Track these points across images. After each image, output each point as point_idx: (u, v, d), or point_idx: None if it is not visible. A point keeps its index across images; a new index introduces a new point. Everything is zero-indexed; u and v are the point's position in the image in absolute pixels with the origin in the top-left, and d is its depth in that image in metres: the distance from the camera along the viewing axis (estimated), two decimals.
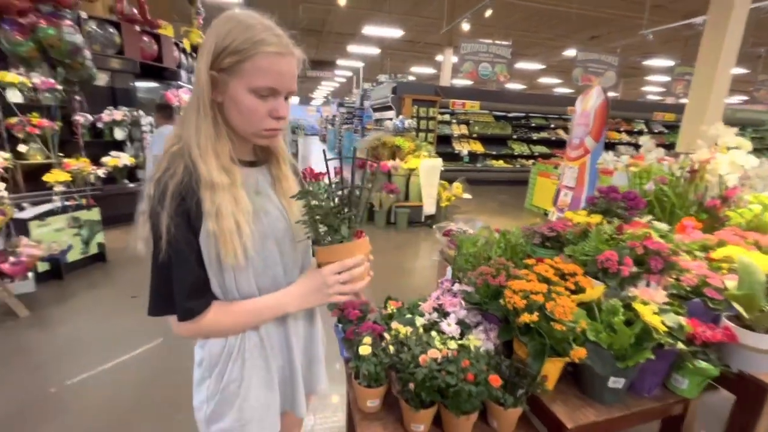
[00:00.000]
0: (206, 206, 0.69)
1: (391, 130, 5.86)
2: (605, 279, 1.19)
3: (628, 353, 1.01)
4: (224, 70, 0.69)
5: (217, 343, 0.80)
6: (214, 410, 0.81)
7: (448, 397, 1.02)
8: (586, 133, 2.53)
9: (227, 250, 0.70)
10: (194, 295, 0.72)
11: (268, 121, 0.73)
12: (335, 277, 0.77)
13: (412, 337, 1.18)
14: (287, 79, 0.73)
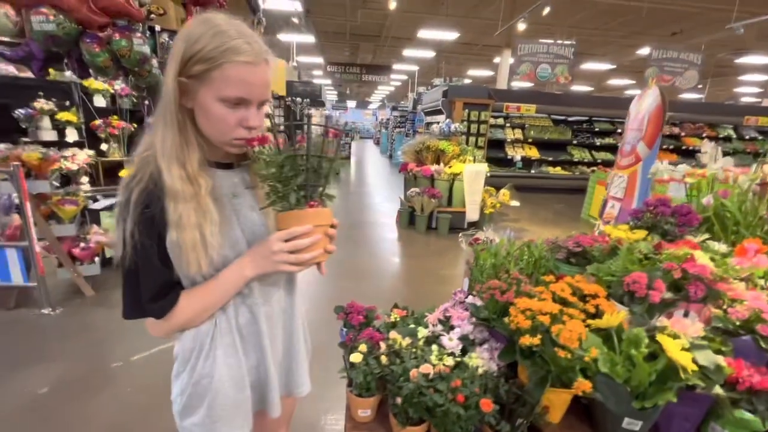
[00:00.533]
0: (169, 215, 0.70)
1: (436, 133, 5.77)
2: (631, 304, 1.05)
3: (648, 392, 0.88)
4: (193, 77, 0.69)
5: (188, 337, 0.81)
6: (186, 404, 0.83)
7: (436, 417, 0.96)
8: (638, 139, 2.26)
9: (189, 261, 0.71)
10: (160, 296, 0.74)
11: (239, 131, 0.73)
12: (280, 245, 0.74)
13: (408, 348, 1.13)
14: (258, 89, 0.72)
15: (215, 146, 0.77)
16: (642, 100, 2.32)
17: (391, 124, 17.16)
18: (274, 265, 0.77)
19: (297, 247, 0.75)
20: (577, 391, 0.89)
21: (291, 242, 0.75)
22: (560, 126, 9.31)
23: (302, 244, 0.76)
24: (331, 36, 15.06)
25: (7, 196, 2.80)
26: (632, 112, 2.42)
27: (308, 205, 0.77)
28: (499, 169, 8.71)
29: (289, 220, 0.76)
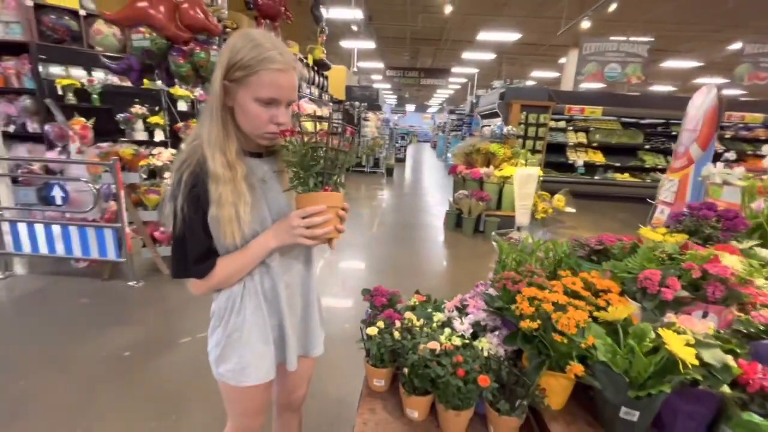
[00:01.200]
0: (211, 194, 0.85)
1: (488, 136, 5.70)
2: (643, 300, 1.05)
3: (647, 384, 0.89)
4: (235, 81, 0.84)
5: (223, 296, 0.99)
6: (221, 354, 1.01)
7: (439, 388, 1.04)
8: (692, 140, 2.09)
9: (226, 233, 0.87)
10: (202, 260, 0.90)
11: (270, 126, 0.87)
12: (299, 221, 0.88)
13: (421, 328, 1.22)
14: (287, 91, 0.86)
15: (250, 138, 0.92)
16: (698, 100, 2.15)
17: (448, 128, 17.05)
18: (293, 238, 0.90)
19: (312, 223, 0.89)
20: (570, 375, 0.93)
21: (307, 219, 0.89)
22: (630, 129, 8.63)
23: (316, 221, 0.89)
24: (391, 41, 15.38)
25: (107, 186, 3.34)
26: (689, 112, 2.24)
27: (323, 189, 0.90)
28: (559, 174, 8.31)
29: (307, 201, 0.90)
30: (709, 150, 2.10)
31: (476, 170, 4.96)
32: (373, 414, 1.15)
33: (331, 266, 3.94)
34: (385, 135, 13.03)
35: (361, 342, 1.23)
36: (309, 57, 6.78)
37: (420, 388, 1.08)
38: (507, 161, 5.05)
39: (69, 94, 3.84)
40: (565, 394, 1.02)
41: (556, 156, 8.41)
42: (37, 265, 3.60)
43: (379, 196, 7.89)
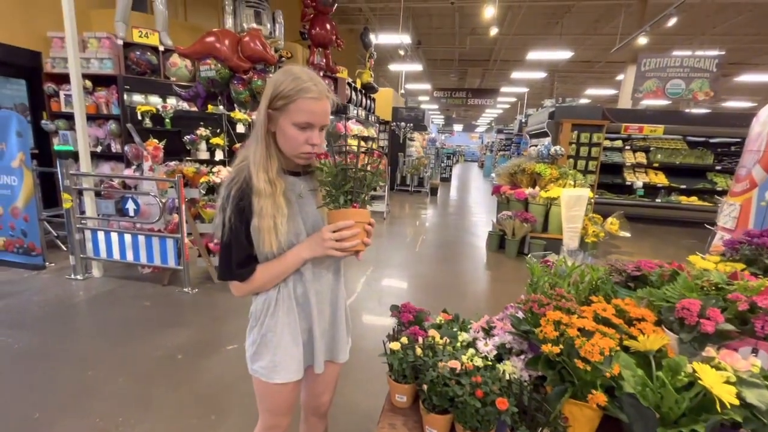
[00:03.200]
0: (254, 207, 0.97)
1: (534, 156, 5.55)
2: (680, 332, 0.99)
3: (680, 422, 0.83)
4: (277, 109, 0.97)
5: (260, 299, 1.10)
6: (256, 351, 1.11)
7: (457, 408, 1.04)
8: (755, 162, 1.89)
9: (264, 241, 0.99)
10: (244, 264, 1.02)
11: (305, 147, 0.99)
12: (330, 234, 0.98)
13: (443, 346, 1.23)
14: (320, 117, 0.98)
15: (289, 159, 1.04)
16: (763, 116, 1.95)
17: (496, 147, 16.76)
18: (324, 250, 1.00)
19: (342, 236, 0.98)
20: (592, 404, 0.89)
21: (337, 233, 0.98)
22: (698, 149, 7.95)
23: (345, 234, 0.98)
24: (439, 63, 15.63)
25: (172, 200, 3.70)
26: (753, 130, 2.04)
27: (352, 206, 1.00)
28: (615, 196, 7.82)
29: (337, 216, 1.00)
30: None
31: (521, 191, 4.83)
32: (393, 429, 1.16)
33: (372, 284, 4.00)
34: (431, 154, 13.09)
35: (384, 356, 1.26)
36: (357, 81, 7.10)
37: (439, 407, 1.08)
38: (554, 182, 4.87)
39: (146, 118, 4.35)
40: (590, 425, 0.97)
41: (611, 177, 7.95)
42: (110, 268, 4.04)
43: (422, 215, 7.90)
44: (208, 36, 3.66)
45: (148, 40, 4.81)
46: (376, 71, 8.61)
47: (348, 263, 4.73)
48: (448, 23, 10.80)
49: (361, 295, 3.71)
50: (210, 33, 3.70)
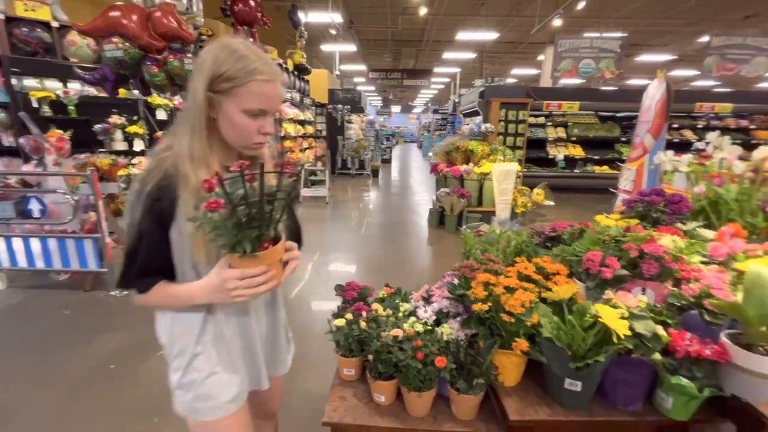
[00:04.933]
0: (188, 209, 0.77)
1: (467, 134, 5.80)
2: (586, 280, 1.13)
3: (587, 356, 0.97)
4: (220, 92, 0.79)
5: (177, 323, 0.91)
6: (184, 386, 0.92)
7: (401, 372, 1.11)
8: (646, 131, 2.21)
9: (199, 251, 0.80)
10: (146, 274, 0.83)
11: (257, 137, 0.84)
12: (235, 283, 0.78)
13: (386, 317, 1.29)
14: (274, 102, 0.84)
15: (228, 150, 0.87)
16: (651, 91, 2.26)
17: (433, 128, 17.22)
18: (228, 299, 0.81)
19: (252, 284, 0.79)
20: (517, 351, 1.00)
21: (246, 281, 0.78)
22: (607, 123, 8.85)
23: (257, 281, 0.79)
24: (372, 43, 15.47)
25: (86, 197, 3.33)
26: (644, 103, 2.36)
27: (262, 247, 0.77)
28: (541, 169, 8.47)
29: (243, 263, 0.77)
30: (661, 139, 2.22)
31: (456, 168, 5.05)
32: (343, 401, 1.21)
33: (319, 269, 3.98)
34: (370, 137, 13.09)
35: (331, 334, 1.29)
36: (289, 62, 6.82)
37: (385, 373, 1.14)
38: (486, 158, 5.15)
39: (44, 106, 3.81)
40: (517, 371, 1.09)
41: (537, 151, 8.58)
42: (16, 279, 3.56)
43: (366, 197, 7.94)
44: (112, 10, 3.27)
45: (36, 14, 4.16)
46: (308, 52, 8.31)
47: None
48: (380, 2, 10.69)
49: (309, 281, 3.68)
50: (113, 7, 3.30)
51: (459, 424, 1.11)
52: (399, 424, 1.12)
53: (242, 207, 0.73)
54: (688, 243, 1.18)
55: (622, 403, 1.01)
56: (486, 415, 1.12)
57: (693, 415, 0.97)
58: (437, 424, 1.11)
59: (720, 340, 0.94)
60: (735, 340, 0.92)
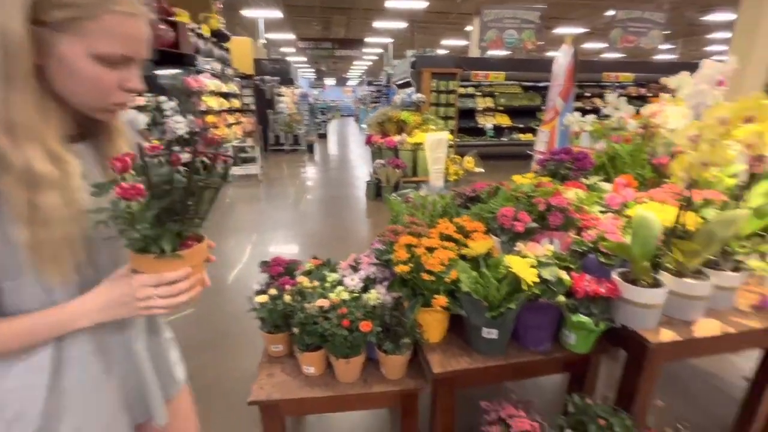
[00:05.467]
0: (16, 208, 0.52)
1: (399, 105, 5.80)
2: (501, 235, 1.19)
3: (501, 305, 1.02)
4: (53, 26, 0.52)
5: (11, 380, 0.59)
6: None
7: (328, 341, 1.09)
8: (557, 95, 2.38)
9: (48, 267, 0.55)
10: None
11: (118, 94, 0.60)
12: (148, 291, 0.58)
13: (312, 289, 1.25)
14: (143, 46, 0.60)
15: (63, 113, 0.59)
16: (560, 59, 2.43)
17: (368, 100, 16.98)
18: (136, 312, 0.61)
19: (172, 292, 0.60)
20: (437, 307, 1.03)
21: (164, 288, 0.59)
22: (530, 92, 9.38)
23: (179, 288, 0.60)
24: (300, 10, 14.57)
25: None
26: (554, 70, 2.53)
27: (184, 245, 0.61)
28: (472, 139, 8.79)
29: (159, 265, 0.59)
30: (569, 101, 2.41)
31: (390, 139, 5.04)
32: (270, 378, 1.17)
33: (258, 251, 3.80)
34: (304, 111, 12.55)
35: (254, 311, 1.23)
36: (204, 27, 6.17)
37: (312, 344, 1.12)
38: (418, 128, 5.20)
39: None
40: (440, 327, 1.13)
41: (467, 122, 8.86)
42: None
43: (302, 173, 7.69)
44: None
45: None
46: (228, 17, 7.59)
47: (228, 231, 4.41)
48: None
49: (247, 264, 3.51)
50: None
51: (388, 383, 1.13)
52: (329, 392, 1.11)
53: (164, 196, 0.56)
54: (589, 195, 1.29)
55: (533, 344, 1.10)
56: (414, 372, 1.16)
57: (592, 348, 1.08)
58: (367, 386, 1.13)
59: (612, 279, 1.04)
60: (624, 278, 1.03)
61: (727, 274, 1.05)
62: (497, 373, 1.08)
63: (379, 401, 1.14)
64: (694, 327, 1.01)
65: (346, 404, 1.15)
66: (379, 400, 1.14)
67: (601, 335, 1.06)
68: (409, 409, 1.18)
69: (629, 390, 1.05)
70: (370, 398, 1.13)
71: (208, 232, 0.65)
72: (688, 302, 1.03)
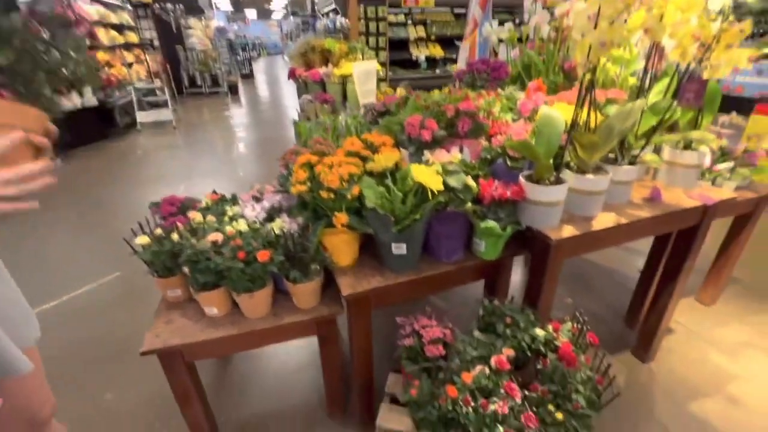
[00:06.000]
0: None
1: (322, 32, 5.30)
2: (409, 146, 1.10)
3: (408, 218, 0.96)
4: None
5: None
6: None
7: (226, 277, 0.98)
8: (476, 4, 2.27)
9: None
10: None
11: None
12: None
13: (208, 225, 1.11)
14: None
15: None
16: None
17: (295, 35, 15.50)
18: None
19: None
20: (338, 225, 0.94)
21: None
22: (461, 20, 9.07)
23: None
24: None
25: None
26: None
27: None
28: (405, 71, 8.47)
29: None
30: (487, 10, 2.31)
31: (315, 71, 4.64)
32: (169, 325, 1.05)
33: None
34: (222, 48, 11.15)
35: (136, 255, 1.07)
36: None
37: (208, 283, 1.01)
38: (345, 58, 4.83)
39: None
40: (349, 249, 1.06)
41: (400, 53, 8.45)
42: None
43: (226, 117, 6.99)
44: None
45: None
46: None
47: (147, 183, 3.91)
48: None
49: None
50: None
51: (301, 313, 1.07)
52: (235, 331, 1.02)
53: None
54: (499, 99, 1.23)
55: (446, 256, 1.07)
56: (329, 299, 1.10)
57: (501, 253, 1.08)
58: (278, 319, 1.05)
59: (519, 181, 1.01)
60: (529, 180, 1.01)
61: (624, 168, 1.07)
62: (411, 288, 1.05)
63: (293, 332, 1.08)
64: (594, 221, 1.04)
65: (258, 340, 1.07)
66: (292, 332, 1.08)
67: (510, 240, 1.06)
68: (328, 336, 1.14)
69: (535, 288, 1.08)
70: (282, 331, 1.06)
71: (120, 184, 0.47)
72: (588, 198, 1.04)
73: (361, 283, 1.00)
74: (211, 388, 1.42)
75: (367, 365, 1.12)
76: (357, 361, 1.12)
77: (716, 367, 1.46)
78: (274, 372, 1.50)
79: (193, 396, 1.10)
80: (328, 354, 1.17)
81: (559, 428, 0.76)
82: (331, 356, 1.17)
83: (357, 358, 1.11)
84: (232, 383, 1.46)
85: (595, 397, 0.82)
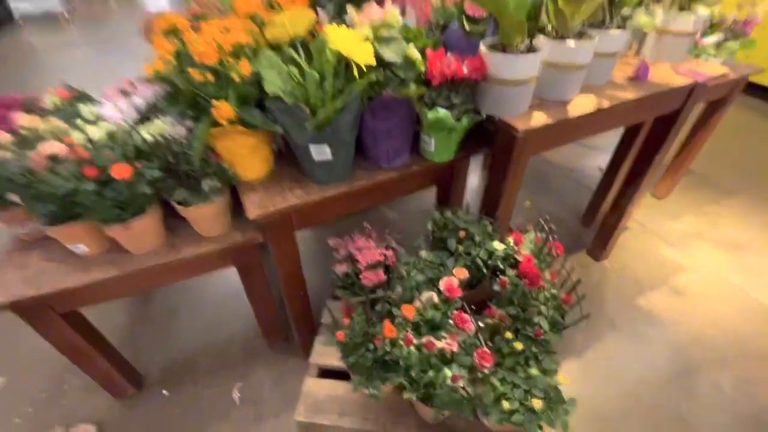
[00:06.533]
0: None
1: None
2: (327, 3, 0.77)
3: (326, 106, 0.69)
4: None
5: None
6: None
7: (80, 206, 0.70)
8: None
9: None
10: None
11: None
12: None
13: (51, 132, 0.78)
14: None
15: None
16: None
17: None
18: None
19: None
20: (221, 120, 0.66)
21: None
22: None
23: None
24: None
25: None
26: None
27: None
28: None
29: None
30: None
31: None
32: (23, 270, 0.79)
33: None
34: None
35: None
36: None
37: (57, 214, 0.73)
38: None
39: None
40: (256, 157, 0.79)
41: None
42: None
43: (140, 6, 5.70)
44: None
45: None
46: None
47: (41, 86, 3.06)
48: None
49: None
50: None
51: (206, 243, 0.84)
52: (116, 272, 0.79)
53: None
54: None
55: (385, 160, 0.84)
56: (245, 222, 0.86)
57: (456, 154, 0.86)
58: (175, 252, 0.82)
59: (478, 53, 0.74)
60: (493, 48, 0.74)
61: (612, 33, 0.82)
62: (343, 203, 0.83)
63: (202, 266, 0.86)
64: (569, 106, 0.82)
65: (154, 279, 0.85)
66: (200, 265, 0.86)
67: (466, 136, 0.84)
68: (248, 266, 0.93)
69: (495, 194, 0.90)
70: (185, 265, 0.84)
71: None
72: (566, 76, 0.81)
73: (274, 200, 0.76)
74: (127, 330, 1.22)
75: (298, 296, 0.95)
76: (287, 292, 0.94)
77: (665, 259, 1.45)
78: (204, 302, 1.32)
79: (88, 350, 0.90)
80: (253, 285, 0.98)
81: (517, 358, 0.63)
82: (256, 287, 0.99)
83: (286, 288, 0.93)
84: (155, 320, 1.27)
85: (558, 317, 0.70)
